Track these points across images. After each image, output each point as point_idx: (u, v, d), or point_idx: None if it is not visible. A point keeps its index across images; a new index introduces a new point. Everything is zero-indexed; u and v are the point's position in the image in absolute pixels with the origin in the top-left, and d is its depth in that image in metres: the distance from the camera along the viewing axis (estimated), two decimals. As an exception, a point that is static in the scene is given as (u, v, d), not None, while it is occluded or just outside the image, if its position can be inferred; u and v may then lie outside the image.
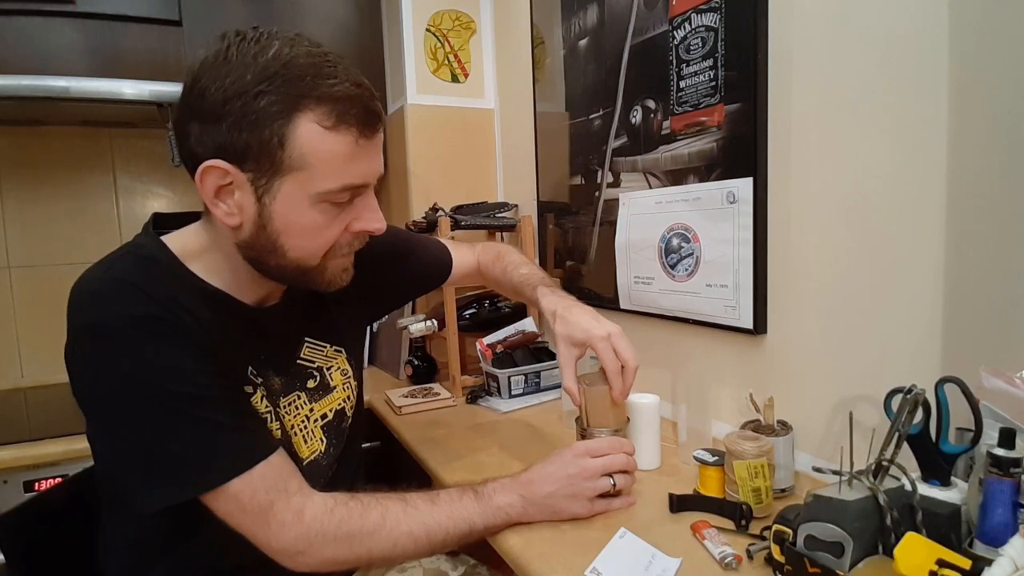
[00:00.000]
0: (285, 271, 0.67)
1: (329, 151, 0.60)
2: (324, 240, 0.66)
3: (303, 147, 0.59)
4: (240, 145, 0.59)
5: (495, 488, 0.74)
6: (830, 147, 0.85)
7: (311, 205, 0.62)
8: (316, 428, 0.78)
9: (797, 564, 0.59)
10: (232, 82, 0.57)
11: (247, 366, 0.70)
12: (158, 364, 0.59)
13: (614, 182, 1.27)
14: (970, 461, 0.66)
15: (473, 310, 1.55)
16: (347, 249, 0.69)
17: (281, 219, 0.63)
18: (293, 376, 0.76)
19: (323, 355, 0.81)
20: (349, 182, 0.63)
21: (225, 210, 0.63)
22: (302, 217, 0.63)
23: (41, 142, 1.59)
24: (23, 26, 1.32)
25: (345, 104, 0.60)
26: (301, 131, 0.59)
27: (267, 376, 0.73)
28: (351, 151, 0.62)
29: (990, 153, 0.68)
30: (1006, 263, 0.68)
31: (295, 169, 0.60)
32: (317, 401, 0.79)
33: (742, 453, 0.78)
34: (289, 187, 0.61)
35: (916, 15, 0.74)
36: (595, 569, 0.68)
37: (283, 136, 0.59)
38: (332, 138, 0.60)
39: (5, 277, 1.58)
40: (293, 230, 0.63)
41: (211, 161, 0.60)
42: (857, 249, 0.83)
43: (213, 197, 0.62)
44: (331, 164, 0.61)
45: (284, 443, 0.71)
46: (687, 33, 1.04)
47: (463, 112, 1.76)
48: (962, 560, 0.50)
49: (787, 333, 0.94)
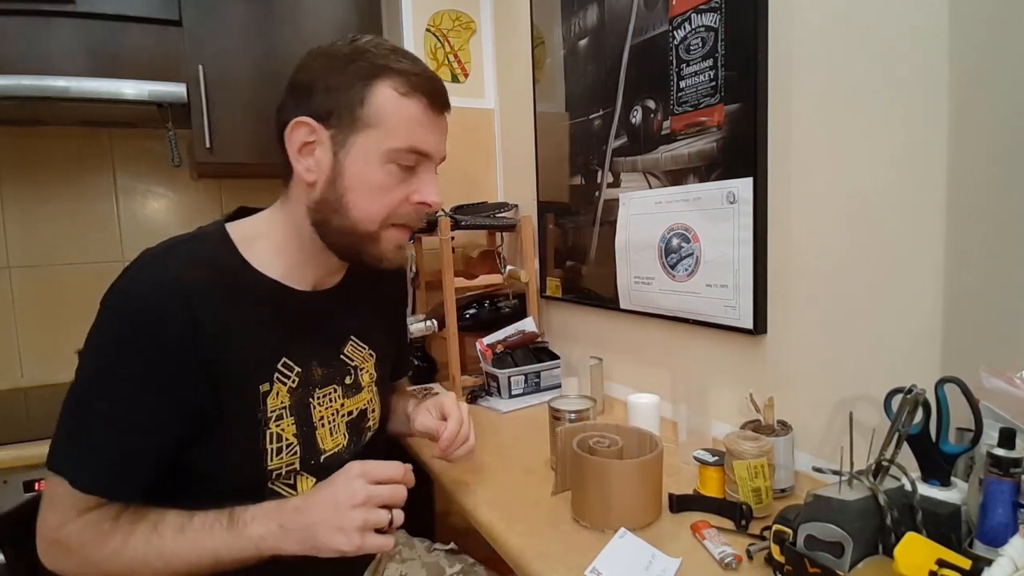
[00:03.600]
0: (344, 233, 0.72)
1: (402, 113, 0.69)
2: (385, 202, 0.71)
3: (380, 107, 0.68)
4: (328, 105, 0.68)
5: (254, 515, 0.65)
6: (830, 147, 0.85)
7: (380, 164, 0.70)
8: (342, 423, 0.79)
9: (797, 564, 0.59)
10: (328, 59, 0.70)
11: (282, 357, 0.72)
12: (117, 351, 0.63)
13: (614, 182, 1.27)
14: (970, 461, 0.66)
15: (473, 310, 1.55)
16: (404, 219, 0.74)
17: (352, 174, 0.70)
18: (335, 369, 0.79)
19: (361, 356, 0.84)
20: (415, 144, 0.70)
21: (306, 166, 0.71)
22: (370, 174, 0.70)
23: (41, 142, 1.59)
24: (23, 26, 1.31)
25: (418, 79, 0.70)
26: (379, 93, 0.68)
27: (308, 365, 0.75)
28: (420, 118, 0.70)
29: (990, 153, 0.68)
30: (1006, 263, 0.68)
31: (370, 126, 0.69)
32: (349, 398, 0.80)
33: (742, 453, 0.79)
34: (363, 142, 0.69)
35: (916, 15, 0.74)
36: (595, 569, 0.68)
37: (364, 96, 0.68)
38: (405, 102, 0.69)
39: (5, 277, 1.58)
40: (360, 187, 0.70)
41: (301, 117, 0.69)
42: (857, 249, 0.83)
43: (297, 153, 0.70)
44: (402, 125, 0.69)
45: (306, 435, 0.73)
46: (687, 33, 1.04)
47: (463, 112, 1.76)
48: (962, 560, 0.51)
49: (787, 333, 0.94)
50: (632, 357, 1.29)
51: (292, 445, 0.72)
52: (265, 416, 0.70)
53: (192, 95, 1.38)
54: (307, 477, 0.74)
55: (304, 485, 0.74)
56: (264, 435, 0.70)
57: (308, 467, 0.74)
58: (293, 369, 0.73)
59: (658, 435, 0.86)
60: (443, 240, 1.43)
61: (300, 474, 0.74)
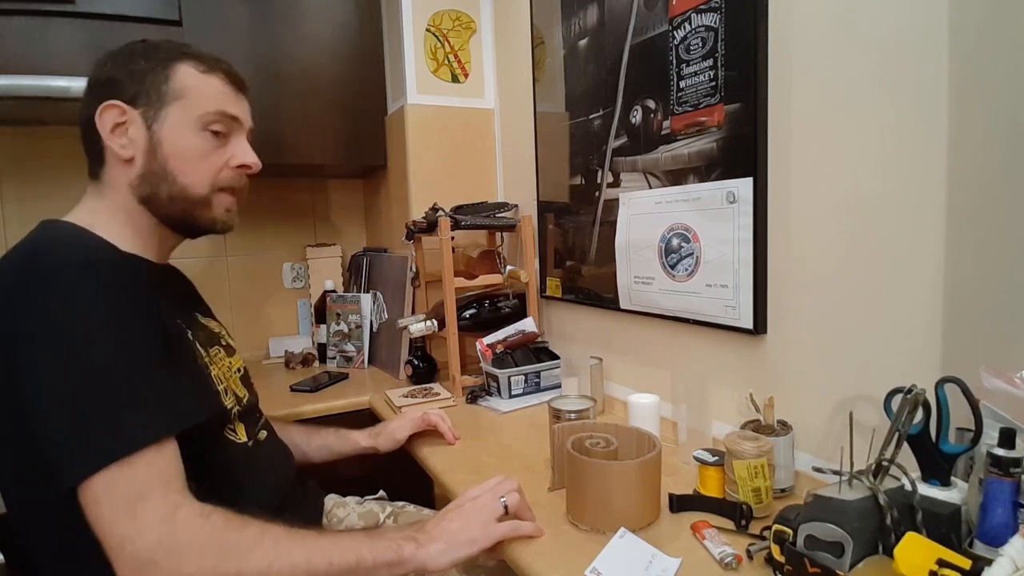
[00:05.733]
0: (175, 201, 0.77)
1: (204, 84, 0.78)
2: (207, 166, 0.78)
3: (183, 81, 0.76)
4: (133, 88, 0.75)
5: (389, 526, 0.76)
6: (830, 147, 0.85)
7: (195, 131, 0.77)
8: (236, 378, 0.87)
9: (797, 564, 0.59)
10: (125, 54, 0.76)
11: (176, 319, 0.77)
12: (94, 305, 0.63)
13: (614, 182, 1.27)
14: (970, 461, 0.66)
15: (473, 310, 1.55)
16: (229, 183, 0.81)
17: (170, 144, 0.76)
18: (208, 333, 0.86)
19: (215, 324, 0.92)
20: (223, 108, 0.78)
21: (120, 143, 0.75)
22: (188, 141, 0.77)
23: (41, 142, 1.59)
24: (23, 26, 1.32)
25: (213, 61, 0.79)
26: (180, 71, 0.76)
27: (194, 330, 0.81)
28: (222, 88, 0.79)
29: (990, 152, 0.68)
30: (1006, 263, 0.68)
31: (178, 98, 0.76)
32: (231, 356, 0.89)
33: (742, 453, 0.79)
34: (175, 114, 0.76)
35: (916, 15, 0.74)
36: (595, 569, 0.68)
37: (168, 74, 0.76)
38: (205, 78, 0.78)
39: (5, 277, 1.58)
40: (180, 153, 0.76)
41: (108, 101, 0.74)
42: (857, 249, 0.83)
43: (110, 133, 0.75)
44: (206, 93, 0.78)
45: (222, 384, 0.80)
46: (687, 33, 1.04)
47: (463, 112, 1.76)
48: (962, 560, 0.51)
49: (787, 333, 0.94)
50: (632, 357, 1.29)
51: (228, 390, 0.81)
52: (203, 360, 0.78)
53: (192, 95, 1.38)
54: (239, 424, 0.82)
55: (240, 430, 0.82)
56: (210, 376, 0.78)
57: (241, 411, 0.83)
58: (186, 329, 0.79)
59: (657, 435, 0.86)
60: (443, 240, 1.43)
61: (236, 421, 0.81)
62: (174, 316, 0.77)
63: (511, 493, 0.77)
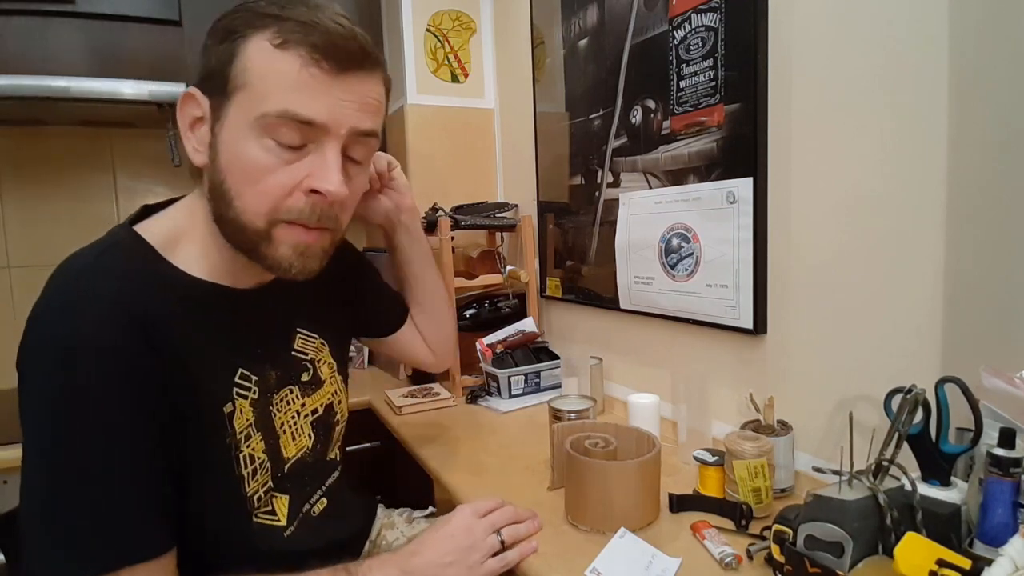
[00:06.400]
0: (236, 229, 0.58)
1: (271, 68, 0.54)
2: (265, 188, 0.56)
3: (247, 62, 0.54)
4: (204, 69, 0.56)
5: (370, 566, 0.65)
6: (830, 147, 0.85)
7: (254, 136, 0.55)
8: (306, 424, 0.74)
9: (797, 564, 0.59)
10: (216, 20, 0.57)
11: (237, 369, 0.64)
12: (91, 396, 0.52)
13: (614, 182, 1.26)
14: (970, 461, 0.66)
15: (473, 310, 1.55)
16: (296, 215, 0.58)
17: (226, 151, 0.56)
18: (288, 369, 0.72)
19: (314, 347, 0.77)
20: (291, 109, 0.54)
21: (193, 145, 0.59)
22: (244, 150, 0.55)
23: (41, 142, 1.59)
24: (23, 26, 1.32)
25: (304, 26, 0.53)
26: (250, 47, 0.54)
27: (263, 371, 0.68)
28: (299, 74, 0.54)
29: (990, 153, 0.68)
30: (1006, 263, 0.68)
31: (238, 88, 0.55)
32: (309, 396, 0.75)
33: (742, 453, 0.79)
34: (234, 111, 0.55)
35: (916, 15, 0.74)
36: (595, 569, 0.68)
37: (234, 51, 0.54)
38: (278, 55, 0.53)
39: (5, 277, 1.58)
40: (235, 166, 0.56)
41: (188, 88, 0.58)
42: (857, 249, 0.83)
43: (188, 130, 0.59)
44: (270, 82, 0.54)
45: (272, 448, 0.68)
46: (687, 33, 1.04)
47: (463, 112, 1.76)
48: (962, 560, 0.50)
49: (787, 333, 0.94)
50: (632, 357, 1.29)
51: (264, 463, 0.66)
52: (235, 440, 0.63)
53: (192, 95, 1.38)
54: (280, 496, 0.69)
55: (280, 507, 0.69)
56: (238, 460, 0.63)
57: (277, 482, 0.69)
58: (251, 379, 0.65)
59: (657, 435, 0.86)
60: (443, 240, 1.43)
61: (274, 495, 0.68)
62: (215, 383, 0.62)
63: (510, 528, 0.73)
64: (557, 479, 0.90)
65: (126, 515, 0.53)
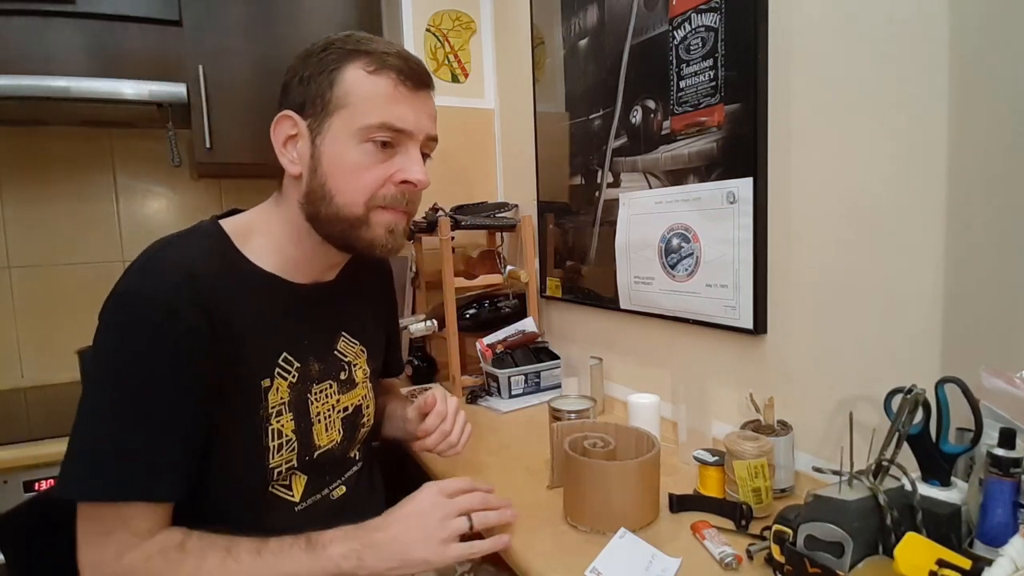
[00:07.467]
0: (334, 221, 0.71)
1: (369, 90, 0.69)
2: (365, 182, 0.70)
3: (348, 86, 0.69)
4: (303, 96, 0.70)
5: (333, 537, 0.67)
6: (830, 147, 0.85)
7: (355, 143, 0.69)
8: (337, 419, 0.79)
9: (797, 564, 0.59)
10: (303, 55, 0.71)
11: (281, 352, 0.72)
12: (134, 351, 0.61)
13: (614, 182, 1.27)
14: (970, 461, 0.66)
15: (473, 310, 1.55)
16: (390, 201, 0.72)
17: (328, 159, 0.70)
18: (330, 364, 0.79)
19: (353, 351, 0.84)
20: (387, 120, 0.69)
21: (290, 159, 0.72)
22: (346, 155, 0.69)
23: (41, 142, 1.59)
24: (23, 26, 1.31)
25: (388, 56, 0.70)
26: (348, 74, 0.69)
27: (307, 361, 0.75)
28: (391, 93, 0.69)
29: (990, 153, 0.68)
30: (1006, 263, 0.68)
31: (340, 107, 0.69)
32: (344, 393, 0.81)
33: (742, 453, 0.79)
34: (336, 125, 0.69)
35: (916, 15, 0.74)
36: (595, 569, 0.68)
37: (333, 80, 0.69)
38: (373, 79, 0.69)
39: (5, 277, 1.58)
40: (338, 170, 0.70)
41: (283, 111, 0.71)
42: (857, 249, 0.83)
43: (282, 147, 0.72)
44: (371, 101, 0.69)
45: (303, 431, 0.73)
46: (687, 33, 1.04)
47: (463, 112, 1.76)
48: (962, 560, 0.51)
49: (787, 333, 0.94)
50: (632, 357, 1.29)
51: (291, 441, 0.72)
52: (266, 412, 0.70)
53: (192, 95, 1.38)
54: (300, 475, 0.74)
55: (297, 484, 0.74)
56: (266, 432, 0.70)
57: (303, 463, 0.74)
58: (293, 364, 0.73)
59: (657, 435, 0.86)
60: (443, 240, 1.43)
61: (295, 472, 0.74)
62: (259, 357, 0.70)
63: (481, 514, 0.73)
64: (557, 479, 0.90)
65: (144, 453, 0.61)
